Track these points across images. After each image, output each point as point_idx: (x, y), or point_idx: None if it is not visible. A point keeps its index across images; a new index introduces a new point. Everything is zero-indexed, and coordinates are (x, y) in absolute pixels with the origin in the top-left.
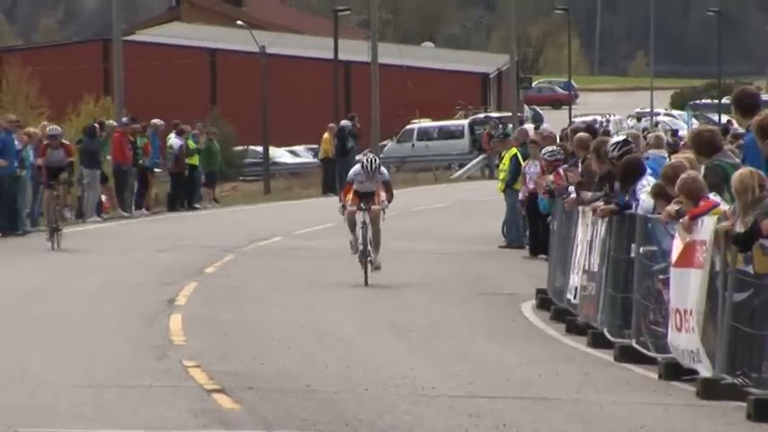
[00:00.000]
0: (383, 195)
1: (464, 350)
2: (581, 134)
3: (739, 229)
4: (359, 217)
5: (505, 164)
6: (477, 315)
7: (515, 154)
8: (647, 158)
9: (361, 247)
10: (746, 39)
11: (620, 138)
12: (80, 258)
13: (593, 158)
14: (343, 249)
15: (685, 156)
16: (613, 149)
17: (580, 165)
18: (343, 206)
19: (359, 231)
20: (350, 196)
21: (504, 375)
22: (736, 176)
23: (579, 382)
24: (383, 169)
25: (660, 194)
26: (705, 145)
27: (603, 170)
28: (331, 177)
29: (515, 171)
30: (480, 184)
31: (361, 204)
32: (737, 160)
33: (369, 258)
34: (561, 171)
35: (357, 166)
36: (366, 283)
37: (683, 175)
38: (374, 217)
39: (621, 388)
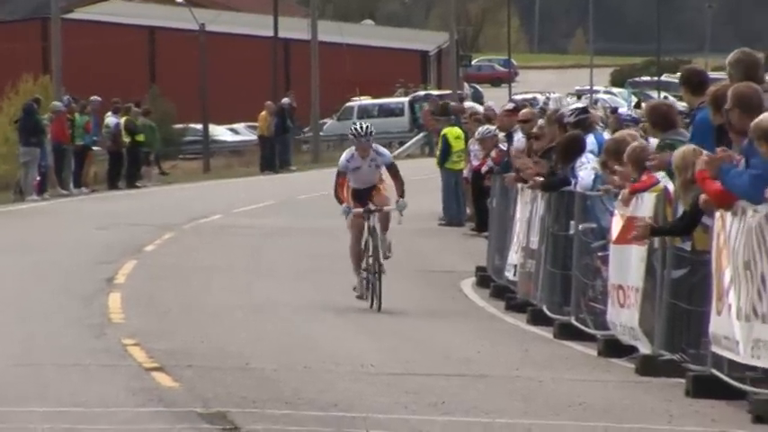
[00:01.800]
0: (385, 192)
1: (403, 328)
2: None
3: (681, 209)
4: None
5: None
6: (417, 293)
7: (445, 134)
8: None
9: (364, 275)
10: (685, 16)
11: (579, 105)
12: (18, 237)
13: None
14: (283, 228)
15: (628, 132)
16: (570, 115)
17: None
18: (348, 208)
19: (369, 242)
20: (346, 194)
21: (444, 353)
22: (677, 153)
23: (519, 359)
24: (382, 149)
25: (606, 166)
26: (661, 118)
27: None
28: (269, 155)
29: (445, 149)
30: (420, 162)
31: (370, 206)
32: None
33: (377, 276)
34: (501, 147)
35: (347, 153)
36: (379, 309)
37: (632, 144)
38: (384, 219)
39: (561, 365)
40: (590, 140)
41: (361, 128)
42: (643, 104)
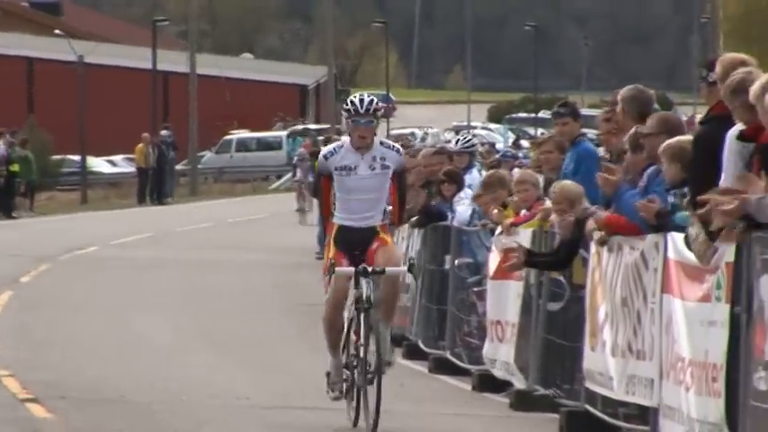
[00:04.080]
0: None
1: (280, 361)
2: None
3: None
4: (352, 292)
5: None
6: (294, 326)
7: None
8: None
9: (345, 374)
10: (562, 54)
11: (470, 136)
12: None
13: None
14: (160, 260)
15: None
16: (456, 142)
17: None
18: (332, 264)
19: (358, 322)
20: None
21: (319, 386)
22: (556, 187)
23: (394, 393)
24: (391, 143)
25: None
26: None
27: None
28: (146, 187)
29: (316, 184)
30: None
31: (366, 266)
32: None
33: (371, 379)
34: None
35: (332, 145)
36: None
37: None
38: (391, 289)
39: (436, 399)
40: (468, 176)
41: (361, 101)
42: (522, 141)
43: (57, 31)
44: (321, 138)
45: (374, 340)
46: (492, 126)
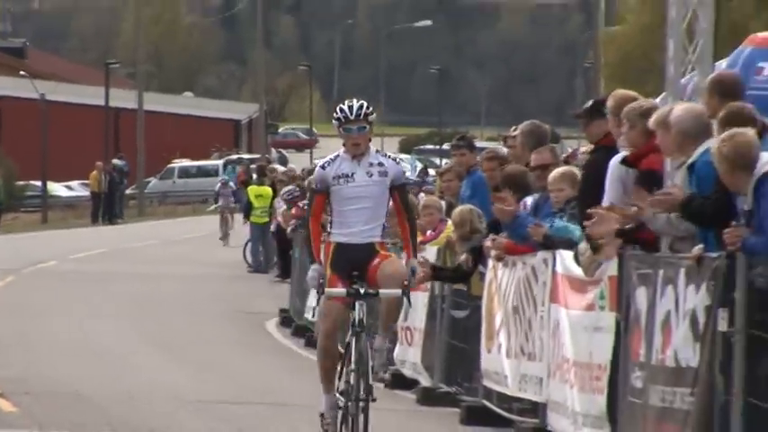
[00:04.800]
0: (393, 258)
1: (217, 361)
2: None
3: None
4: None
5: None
6: (230, 330)
7: (247, 192)
8: None
9: (341, 401)
10: (463, 93)
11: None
12: None
13: None
14: (113, 273)
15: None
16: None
17: None
18: (321, 283)
19: (352, 347)
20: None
21: (250, 384)
22: (456, 211)
23: (317, 390)
24: (388, 155)
25: None
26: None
27: None
28: (99, 209)
29: (247, 206)
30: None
31: (360, 288)
32: None
33: (361, 405)
34: (301, 205)
35: (326, 158)
36: None
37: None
38: (391, 309)
39: None
40: None
41: (350, 108)
42: (429, 170)
43: (21, 73)
44: (253, 166)
45: (365, 357)
46: (402, 156)
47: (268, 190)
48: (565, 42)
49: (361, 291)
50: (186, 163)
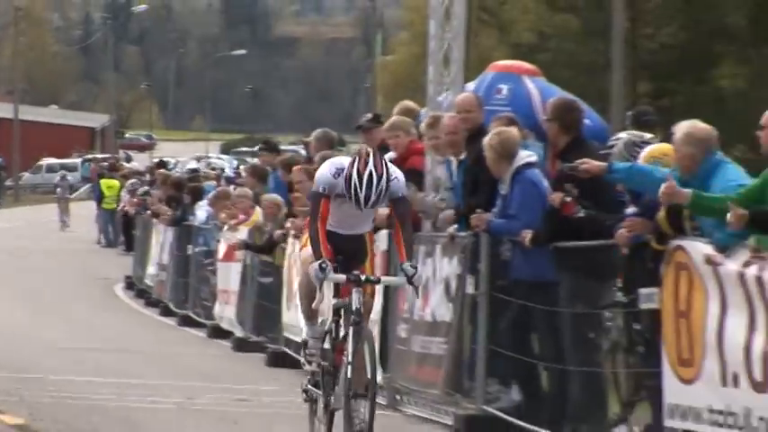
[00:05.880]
0: (375, 253)
1: (75, 317)
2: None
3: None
4: (331, 299)
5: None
6: (85, 293)
7: (100, 184)
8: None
9: (315, 395)
10: (272, 107)
11: (194, 166)
12: None
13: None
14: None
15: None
16: (185, 172)
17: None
18: (324, 266)
19: (349, 338)
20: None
21: (101, 333)
22: (266, 198)
23: (154, 339)
24: (396, 173)
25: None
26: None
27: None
28: None
29: (99, 195)
30: (87, 203)
31: (360, 274)
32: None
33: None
34: (139, 192)
35: (332, 162)
36: None
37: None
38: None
39: (183, 343)
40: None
41: (367, 198)
42: (242, 167)
43: None
44: (105, 164)
45: (365, 356)
46: (223, 156)
47: (116, 182)
48: (351, 68)
49: (362, 277)
50: (52, 160)
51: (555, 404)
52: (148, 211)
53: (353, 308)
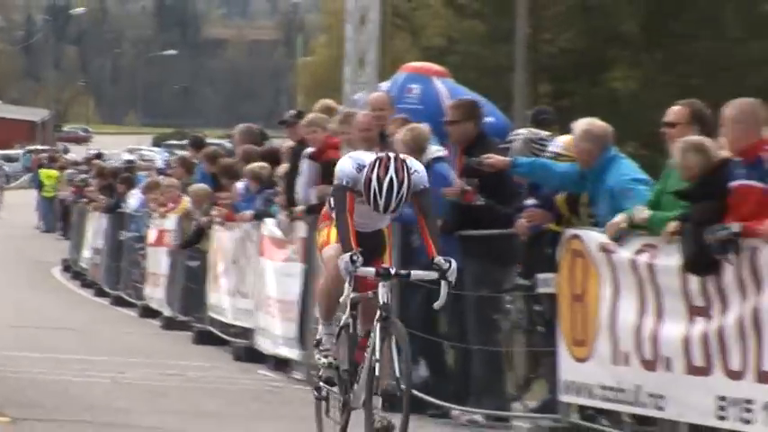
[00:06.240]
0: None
1: (16, 297)
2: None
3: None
4: (355, 295)
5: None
6: (25, 275)
7: (39, 173)
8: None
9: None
10: (201, 103)
11: (130, 158)
12: None
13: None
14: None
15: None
16: (121, 163)
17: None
18: (354, 259)
19: (376, 339)
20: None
21: (43, 313)
22: (193, 189)
23: (89, 318)
24: (415, 165)
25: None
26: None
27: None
28: None
29: (39, 184)
30: (28, 192)
31: (390, 268)
32: None
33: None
34: (76, 180)
35: (354, 156)
36: None
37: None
38: (371, 304)
39: (115, 322)
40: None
41: (387, 206)
42: (171, 159)
43: None
44: (45, 155)
45: (396, 356)
46: (154, 149)
47: (55, 172)
48: (273, 68)
49: (392, 271)
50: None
51: (459, 380)
52: (84, 199)
53: (381, 302)
